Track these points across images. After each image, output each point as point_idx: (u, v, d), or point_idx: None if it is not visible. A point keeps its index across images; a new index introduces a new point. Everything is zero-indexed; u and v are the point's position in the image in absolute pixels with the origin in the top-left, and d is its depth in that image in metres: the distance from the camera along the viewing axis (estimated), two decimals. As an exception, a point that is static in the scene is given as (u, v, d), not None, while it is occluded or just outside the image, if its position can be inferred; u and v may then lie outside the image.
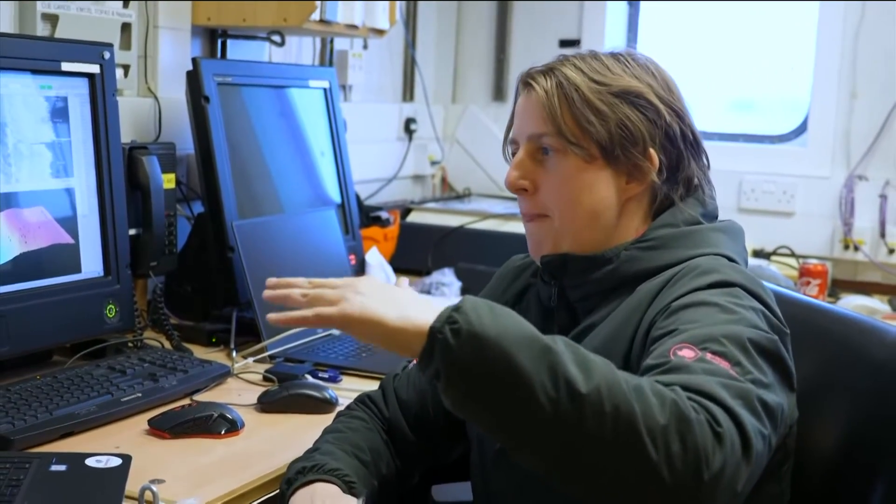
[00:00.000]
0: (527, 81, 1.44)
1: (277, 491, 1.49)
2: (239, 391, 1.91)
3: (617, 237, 1.41)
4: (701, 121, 1.50)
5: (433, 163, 3.73)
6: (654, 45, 3.70)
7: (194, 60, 2.30)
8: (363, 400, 1.62)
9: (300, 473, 1.40)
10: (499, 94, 3.75)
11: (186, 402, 1.77)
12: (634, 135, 1.38)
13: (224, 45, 2.67)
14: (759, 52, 3.53)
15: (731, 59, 3.58)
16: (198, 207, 2.41)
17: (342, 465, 1.42)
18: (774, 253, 3.26)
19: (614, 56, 1.44)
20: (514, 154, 1.47)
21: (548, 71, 1.42)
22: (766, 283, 1.66)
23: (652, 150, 1.39)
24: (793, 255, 3.22)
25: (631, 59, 1.43)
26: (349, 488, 1.38)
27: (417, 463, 1.59)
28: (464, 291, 2.77)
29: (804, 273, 2.85)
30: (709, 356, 1.14)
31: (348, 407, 1.62)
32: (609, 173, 1.40)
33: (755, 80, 3.58)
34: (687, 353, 1.14)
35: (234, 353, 2.09)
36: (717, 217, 1.47)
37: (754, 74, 3.55)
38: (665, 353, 1.16)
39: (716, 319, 1.21)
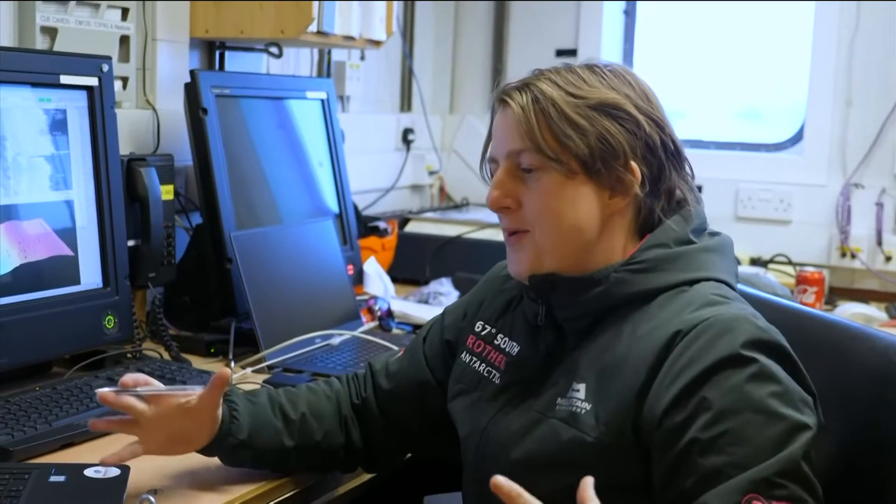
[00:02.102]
0: (502, 98, 1.42)
1: (276, 501, 1.52)
2: (237, 401, 1.91)
3: (601, 253, 1.39)
4: (704, 130, 1.49)
5: (431, 173, 3.74)
6: (650, 55, 3.72)
7: (192, 72, 2.31)
8: (349, 375, 1.68)
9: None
10: (496, 104, 3.76)
11: (185, 412, 1.78)
12: (615, 147, 1.36)
13: (222, 57, 2.68)
14: (756, 61, 3.54)
15: (728, 68, 3.59)
16: (196, 218, 2.42)
17: (242, 405, 1.53)
18: (771, 261, 3.28)
19: (589, 68, 1.41)
20: (492, 172, 1.44)
21: (522, 87, 1.40)
22: (761, 294, 1.68)
23: (633, 163, 1.37)
24: (790, 262, 3.24)
25: (607, 70, 1.41)
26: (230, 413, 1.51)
27: (389, 446, 1.63)
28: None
29: (801, 281, 2.86)
30: None
31: (336, 376, 1.70)
32: (591, 188, 1.37)
33: (752, 89, 3.59)
34: None
35: (232, 364, 2.10)
36: (705, 230, 1.44)
37: (751, 83, 3.56)
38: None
39: (766, 440, 1.20)
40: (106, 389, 1.45)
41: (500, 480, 1.10)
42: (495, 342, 1.52)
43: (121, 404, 1.45)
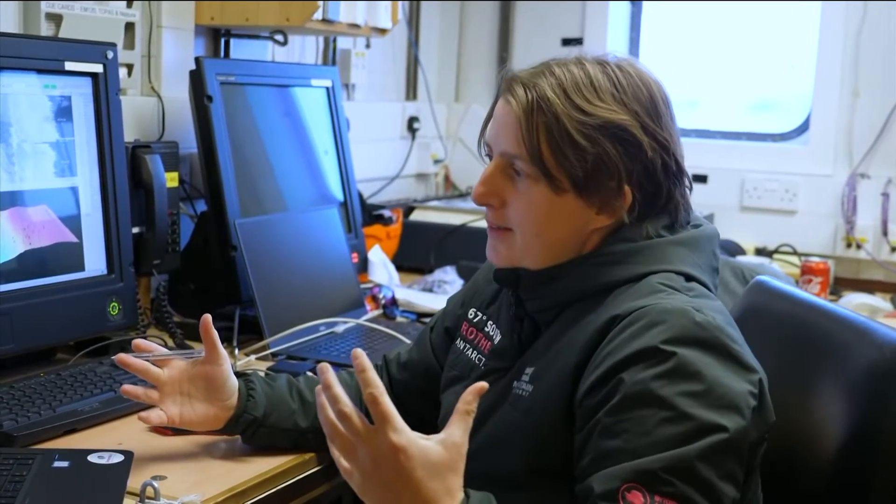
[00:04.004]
0: (506, 89, 1.37)
1: (278, 487, 1.53)
2: (241, 388, 1.91)
3: (575, 253, 1.38)
4: (717, 121, 1.45)
5: (436, 161, 3.74)
6: (656, 45, 3.71)
7: (197, 60, 2.31)
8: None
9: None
10: (502, 92, 3.76)
11: (189, 399, 1.78)
12: (611, 171, 1.32)
13: (227, 44, 2.68)
14: (767, 52, 3.53)
15: (737, 58, 3.58)
16: (201, 206, 2.42)
17: (258, 384, 1.59)
18: (777, 251, 3.28)
19: (603, 68, 1.35)
20: (488, 154, 1.43)
21: (529, 84, 1.34)
22: (762, 279, 1.67)
23: (627, 188, 1.33)
24: (795, 253, 3.24)
25: (620, 76, 1.34)
26: (247, 395, 1.56)
27: None
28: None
29: (806, 271, 2.86)
30: (657, 502, 1.16)
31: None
32: (579, 204, 1.34)
33: (765, 81, 3.57)
34: (637, 500, 1.16)
35: (236, 351, 2.10)
36: (688, 223, 1.41)
37: (763, 74, 3.55)
38: (614, 492, 1.17)
39: (665, 435, 1.19)
40: (124, 355, 1.51)
41: (358, 351, 1.14)
42: (485, 329, 1.53)
43: (137, 366, 1.51)
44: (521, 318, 1.45)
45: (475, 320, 1.55)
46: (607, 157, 1.31)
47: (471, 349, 1.53)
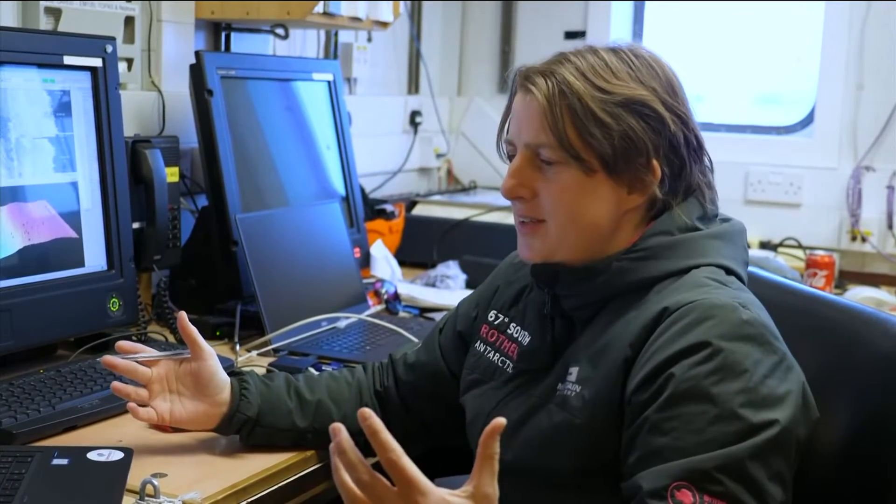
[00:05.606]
0: (524, 83, 1.38)
1: (279, 485, 1.52)
2: (242, 385, 1.90)
3: (612, 246, 1.38)
4: (723, 115, 1.45)
5: (438, 155, 3.73)
6: (659, 39, 3.68)
7: (197, 54, 2.29)
8: (375, 364, 1.71)
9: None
10: (504, 86, 3.71)
11: (190, 395, 1.77)
12: (638, 147, 1.33)
13: (228, 38, 2.66)
14: (765, 45, 3.51)
15: (741, 51, 3.56)
16: (202, 201, 2.41)
17: (254, 384, 1.57)
18: (781, 244, 3.26)
19: (616, 53, 1.37)
20: (509, 154, 1.43)
21: (547, 73, 1.36)
22: (768, 275, 1.66)
23: (655, 162, 1.34)
24: (800, 246, 3.22)
25: (634, 59, 1.37)
26: (241, 395, 1.55)
27: (408, 435, 1.56)
28: (468, 284, 2.76)
29: (811, 264, 2.84)
30: (706, 501, 1.16)
31: (362, 364, 1.73)
32: (610, 185, 1.35)
33: (770, 74, 3.55)
34: (686, 499, 1.16)
35: (237, 347, 2.09)
36: (716, 216, 1.42)
37: (769, 68, 3.53)
38: (663, 490, 1.17)
39: (715, 434, 1.19)
40: (110, 356, 1.51)
41: (367, 412, 1.09)
42: (508, 331, 1.51)
43: (124, 367, 1.51)
44: (553, 318, 1.43)
45: (496, 322, 1.54)
46: (633, 133, 1.33)
47: (493, 352, 1.52)
